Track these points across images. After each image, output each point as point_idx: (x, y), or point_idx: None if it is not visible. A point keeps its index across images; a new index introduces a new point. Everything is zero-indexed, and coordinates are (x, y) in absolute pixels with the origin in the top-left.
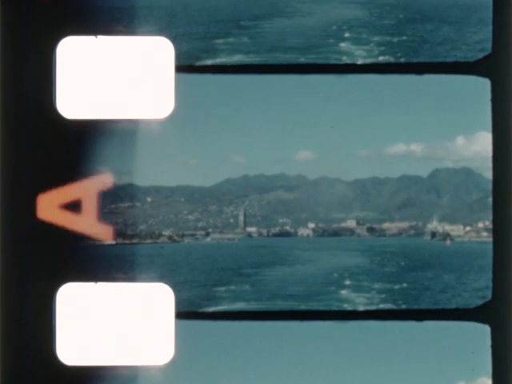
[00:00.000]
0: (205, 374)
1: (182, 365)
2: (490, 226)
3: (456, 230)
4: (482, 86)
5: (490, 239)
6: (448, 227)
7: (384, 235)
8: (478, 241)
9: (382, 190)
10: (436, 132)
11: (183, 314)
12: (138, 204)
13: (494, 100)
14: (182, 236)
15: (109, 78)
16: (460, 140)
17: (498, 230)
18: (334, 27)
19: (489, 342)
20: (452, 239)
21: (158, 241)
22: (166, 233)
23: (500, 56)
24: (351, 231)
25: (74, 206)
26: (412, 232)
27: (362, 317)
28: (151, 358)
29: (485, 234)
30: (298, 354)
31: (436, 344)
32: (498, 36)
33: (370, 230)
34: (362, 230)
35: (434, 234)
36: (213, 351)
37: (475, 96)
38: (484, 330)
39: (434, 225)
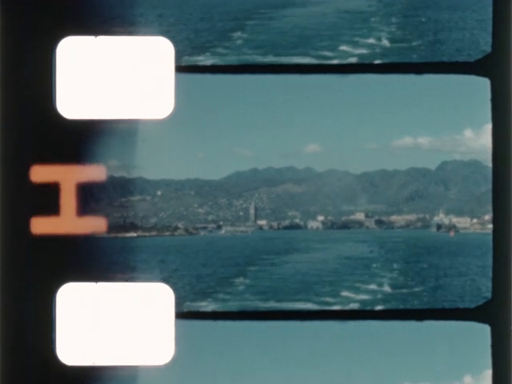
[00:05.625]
0: (205, 374)
1: (182, 365)
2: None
3: (462, 222)
4: (482, 85)
5: None
6: (455, 219)
7: (392, 227)
8: (482, 232)
9: (390, 182)
10: (443, 125)
11: (183, 314)
12: (148, 197)
13: (493, 100)
14: (197, 229)
15: (109, 77)
16: (468, 132)
17: (498, 231)
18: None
19: (489, 341)
20: (457, 231)
21: (176, 233)
22: (182, 226)
23: (500, 56)
24: (360, 224)
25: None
26: (419, 224)
27: (362, 317)
28: (151, 358)
29: (490, 225)
30: (298, 353)
31: (436, 344)
32: (497, 36)
33: (379, 222)
34: (370, 223)
35: (439, 226)
36: (213, 351)
37: (476, 93)
38: (484, 330)
39: (441, 217)
